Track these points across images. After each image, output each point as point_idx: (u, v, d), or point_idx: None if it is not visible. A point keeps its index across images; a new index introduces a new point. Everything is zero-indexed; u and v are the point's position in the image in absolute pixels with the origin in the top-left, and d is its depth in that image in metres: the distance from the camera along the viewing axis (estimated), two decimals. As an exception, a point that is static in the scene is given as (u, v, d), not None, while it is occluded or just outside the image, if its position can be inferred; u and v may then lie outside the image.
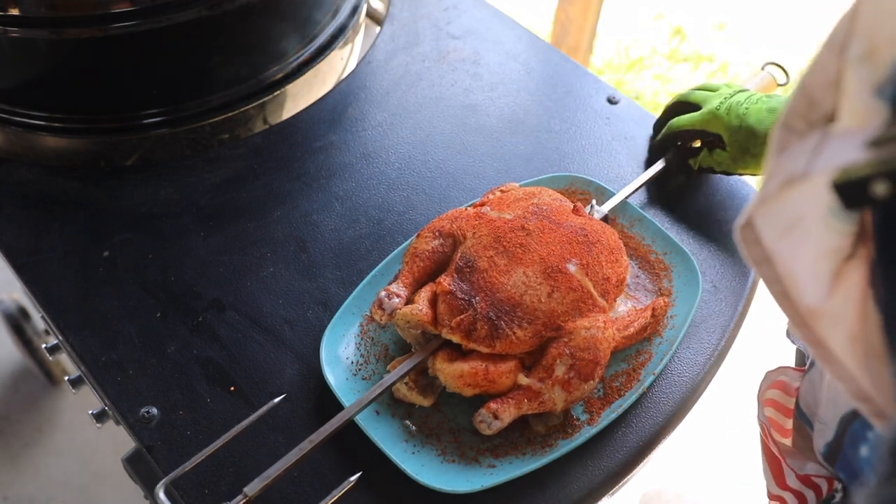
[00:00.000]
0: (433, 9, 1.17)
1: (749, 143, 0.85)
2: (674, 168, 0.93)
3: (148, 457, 0.71)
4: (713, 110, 0.88)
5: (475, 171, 0.96)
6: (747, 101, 0.86)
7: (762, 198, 0.34)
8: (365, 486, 0.69)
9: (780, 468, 0.68)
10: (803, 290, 0.33)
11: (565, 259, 0.73)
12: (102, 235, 0.87)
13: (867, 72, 0.30)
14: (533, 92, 1.06)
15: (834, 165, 0.29)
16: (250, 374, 0.76)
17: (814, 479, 0.64)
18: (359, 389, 0.73)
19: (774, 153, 0.35)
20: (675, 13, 2.60)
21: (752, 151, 0.85)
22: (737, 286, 0.84)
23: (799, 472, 0.64)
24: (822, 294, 0.32)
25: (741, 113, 0.85)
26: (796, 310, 0.34)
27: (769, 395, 0.72)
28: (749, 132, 0.84)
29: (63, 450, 1.54)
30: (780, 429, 0.71)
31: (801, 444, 0.68)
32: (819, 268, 0.32)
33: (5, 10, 0.82)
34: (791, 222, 0.33)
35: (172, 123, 0.96)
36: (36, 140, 0.96)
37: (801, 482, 0.65)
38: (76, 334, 0.79)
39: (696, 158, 0.92)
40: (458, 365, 0.69)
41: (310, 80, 1.05)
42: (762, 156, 0.84)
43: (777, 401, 0.72)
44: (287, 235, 0.88)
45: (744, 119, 0.85)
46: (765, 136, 0.83)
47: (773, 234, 0.34)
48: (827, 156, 0.30)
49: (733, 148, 0.86)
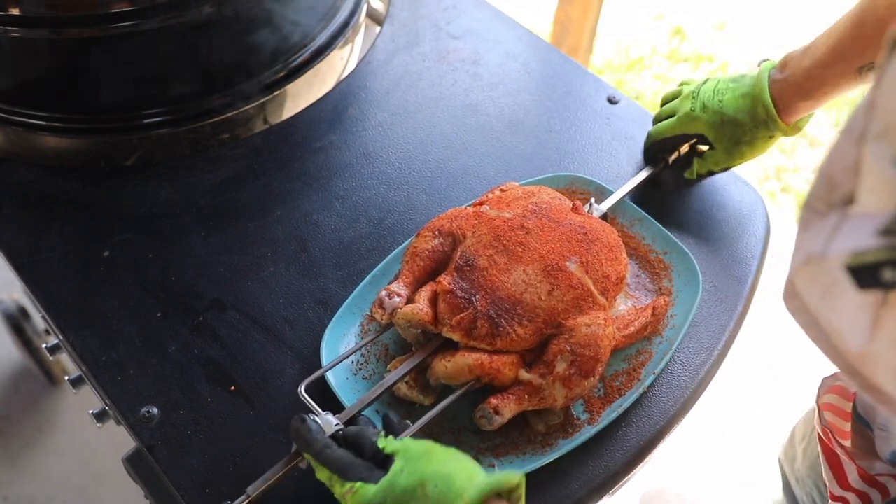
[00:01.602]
0: (433, 9, 1.17)
1: (738, 134, 0.84)
2: (671, 186, 0.92)
3: (148, 456, 0.71)
4: (688, 113, 0.86)
5: (475, 171, 0.96)
6: (716, 92, 0.85)
7: (796, 266, 0.36)
8: (365, 486, 0.70)
9: (841, 469, 0.69)
10: (848, 340, 0.35)
11: (565, 257, 0.73)
12: (102, 235, 0.87)
13: (884, 147, 0.32)
14: (533, 92, 1.06)
15: (848, 250, 0.31)
16: (251, 373, 0.76)
17: (880, 478, 0.64)
18: (359, 389, 0.73)
19: (800, 230, 0.37)
20: (675, 13, 2.60)
21: (743, 140, 0.84)
22: (737, 286, 0.84)
23: (869, 472, 0.65)
24: (864, 340, 0.33)
25: (717, 107, 0.84)
26: (846, 360, 0.36)
27: (826, 399, 0.73)
28: (733, 123, 0.83)
29: (63, 450, 1.54)
30: (839, 432, 0.71)
31: (861, 444, 0.68)
32: (858, 319, 0.33)
33: (5, 10, 0.82)
34: (827, 286, 0.34)
35: (172, 123, 0.96)
36: (36, 140, 0.96)
37: (866, 482, 0.66)
38: (76, 334, 0.79)
39: (691, 169, 0.91)
40: (460, 357, 0.69)
41: (310, 80, 1.05)
42: (755, 140, 0.84)
43: (835, 405, 0.72)
44: (287, 235, 0.88)
45: (722, 112, 0.83)
46: (750, 122, 0.82)
47: (815, 297, 0.36)
48: (842, 239, 0.32)
49: (723, 143, 0.85)
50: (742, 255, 0.87)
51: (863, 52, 0.73)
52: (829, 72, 0.75)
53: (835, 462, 0.70)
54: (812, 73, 0.77)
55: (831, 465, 0.71)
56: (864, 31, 0.72)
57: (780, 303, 1.26)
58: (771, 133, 0.83)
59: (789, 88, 0.79)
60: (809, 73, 0.77)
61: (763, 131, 0.83)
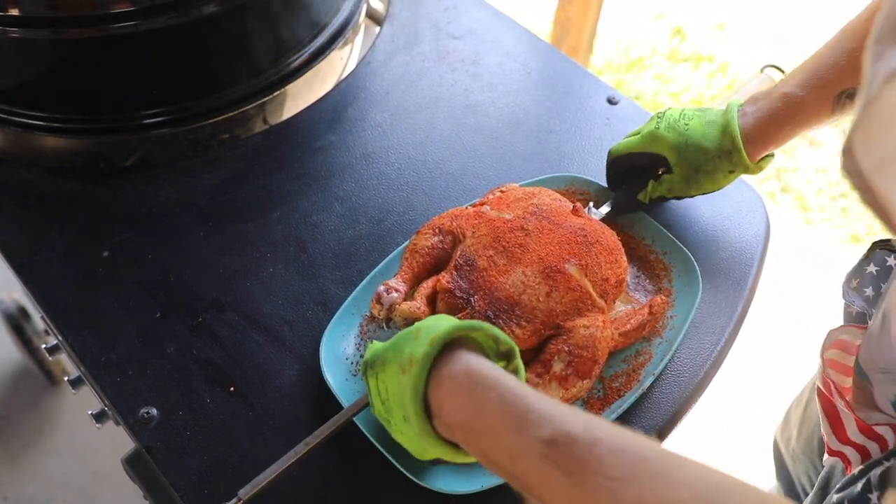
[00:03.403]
0: (433, 9, 1.16)
1: (699, 161, 0.80)
2: (623, 207, 0.86)
3: (147, 457, 0.71)
4: (652, 131, 0.82)
5: (475, 172, 0.96)
6: (682, 116, 0.81)
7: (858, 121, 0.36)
8: (365, 487, 0.70)
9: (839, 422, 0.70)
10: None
11: (564, 259, 0.73)
12: (102, 235, 0.87)
13: None
14: (533, 92, 1.06)
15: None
16: (250, 374, 0.76)
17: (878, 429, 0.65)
18: (358, 390, 0.73)
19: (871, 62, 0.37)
20: (675, 13, 2.60)
21: (703, 169, 0.80)
22: (737, 287, 0.84)
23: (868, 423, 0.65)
24: None
25: (683, 130, 0.80)
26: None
27: (829, 355, 0.73)
28: (697, 148, 0.80)
29: (63, 450, 1.54)
30: (840, 388, 0.71)
31: (861, 399, 0.68)
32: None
33: (5, 10, 0.82)
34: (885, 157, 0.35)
35: (172, 123, 0.96)
36: (36, 140, 0.96)
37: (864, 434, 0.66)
38: (76, 334, 0.79)
39: (645, 191, 0.85)
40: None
41: (310, 80, 1.05)
42: (716, 172, 0.80)
43: (837, 360, 0.72)
44: (287, 236, 0.88)
45: (688, 136, 0.80)
46: (714, 151, 0.79)
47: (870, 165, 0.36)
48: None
49: (682, 168, 0.81)
50: (742, 256, 0.87)
51: (842, 77, 0.72)
52: (807, 98, 0.74)
53: (833, 415, 0.71)
54: (788, 98, 0.75)
55: (830, 419, 0.71)
56: (844, 58, 0.72)
57: (780, 303, 1.27)
58: (732, 167, 0.80)
59: (762, 119, 0.77)
60: (786, 99, 0.76)
61: (725, 163, 0.80)
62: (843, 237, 2.03)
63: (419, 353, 0.54)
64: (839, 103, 0.74)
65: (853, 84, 0.72)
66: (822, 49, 0.75)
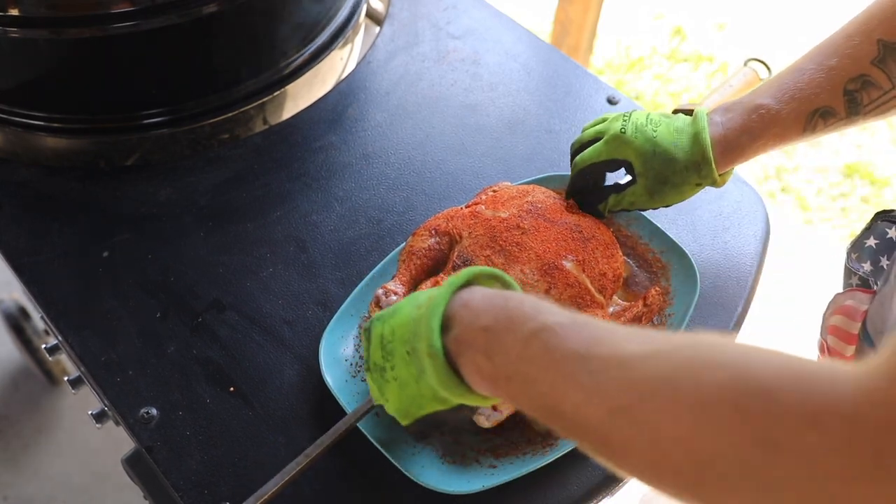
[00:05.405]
0: (433, 9, 1.16)
1: (667, 171, 0.75)
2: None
3: (147, 457, 0.71)
4: (618, 134, 0.76)
5: (475, 171, 0.96)
6: (649, 121, 0.76)
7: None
8: (366, 488, 0.70)
9: None
10: None
11: (561, 256, 0.73)
12: (102, 235, 0.87)
13: None
14: (533, 92, 1.06)
15: None
16: (250, 374, 0.76)
17: None
18: (358, 391, 0.73)
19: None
20: (675, 13, 2.60)
21: (671, 180, 0.75)
22: (736, 286, 0.84)
23: None
24: None
25: (651, 136, 0.75)
26: None
27: (832, 321, 0.72)
28: (665, 157, 0.74)
29: (63, 450, 1.54)
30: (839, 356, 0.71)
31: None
32: None
33: (5, 10, 0.82)
34: None
35: (172, 123, 0.96)
36: (36, 140, 0.96)
37: None
38: (76, 334, 0.79)
39: (605, 203, 0.80)
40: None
41: (310, 80, 1.05)
42: (684, 185, 0.76)
43: (839, 327, 0.71)
44: (287, 236, 0.88)
45: (656, 143, 0.75)
46: (683, 162, 0.74)
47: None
48: None
49: (647, 178, 0.76)
50: (742, 255, 0.87)
51: (819, 92, 0.70)
52: (783, 111, 0.71)
53: None
54: (764, 109, 0.72)
55: None
56: (822, 74, 0.70)
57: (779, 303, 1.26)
58: (700, 180, 0.75)
59: (733, 130, 0.73)
60: (761, 111, 0.72)
61: (693, 176, 0.75)
62: (843, 237, 2.03)
63: (438, 291, 0.53)
64: (811, 122, 0.71)
65: (828, 103, 0.70)
66: (800, 62, 0.72)
